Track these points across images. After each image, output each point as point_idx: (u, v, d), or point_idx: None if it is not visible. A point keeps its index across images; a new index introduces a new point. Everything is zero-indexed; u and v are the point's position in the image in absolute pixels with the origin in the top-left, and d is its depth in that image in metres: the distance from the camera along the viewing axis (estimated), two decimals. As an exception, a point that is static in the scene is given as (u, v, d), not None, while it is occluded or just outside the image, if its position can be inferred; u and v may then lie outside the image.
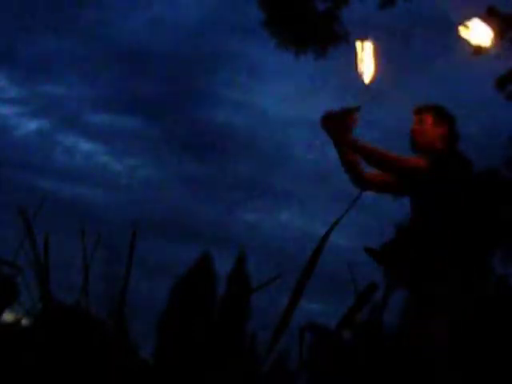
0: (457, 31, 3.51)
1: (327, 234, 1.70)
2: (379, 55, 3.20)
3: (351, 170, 3.29)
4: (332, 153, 3.44)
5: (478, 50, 8.50)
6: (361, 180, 3.30)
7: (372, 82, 3.16)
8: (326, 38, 8.16)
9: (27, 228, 1.71)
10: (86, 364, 1.76)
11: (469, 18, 3.50)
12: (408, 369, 2.95)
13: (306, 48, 8.19)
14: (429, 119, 3.25)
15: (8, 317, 2.57)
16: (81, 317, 2.01)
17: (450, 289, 2.99)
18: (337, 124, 3.11)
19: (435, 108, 3.29)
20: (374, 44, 3.21)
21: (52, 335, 1.81)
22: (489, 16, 8.03)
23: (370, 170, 3.34)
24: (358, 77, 3.17)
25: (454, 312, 2.98)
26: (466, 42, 3.50)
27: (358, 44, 3.20)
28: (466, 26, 3.46)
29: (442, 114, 3.26)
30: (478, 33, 3.50)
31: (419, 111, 3.28)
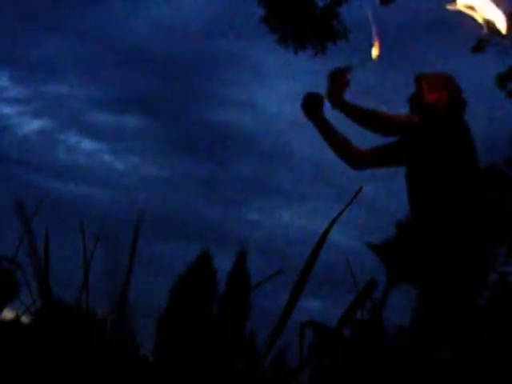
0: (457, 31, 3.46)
1: (327, 231, 1.70)
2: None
3: (342, 149, 3.28)
4: (332, 152, 3.41)
5: (478, 47, 8.49)
6: (354, 158, 3.29)
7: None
8: (325, 35, 8.15)
9: (25, 223, 1.71)
10: (86, 362, 1.77)
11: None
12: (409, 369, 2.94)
13: (304, 44, 8.18)
14: (424, 85, 3.25)
15: (8, 314, 2.57)
16: (81, 314, 2.02)
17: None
18: (335, 84, 3.05)
19: (432, 74, 3.29)
20: None
21: (52, 333, 1.82)
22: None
23: (361, 147, 3.32)
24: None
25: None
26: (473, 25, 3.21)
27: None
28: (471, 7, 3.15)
29: (438, 81, 3.25)
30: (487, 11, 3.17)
31: (417, 78, 3.28)
